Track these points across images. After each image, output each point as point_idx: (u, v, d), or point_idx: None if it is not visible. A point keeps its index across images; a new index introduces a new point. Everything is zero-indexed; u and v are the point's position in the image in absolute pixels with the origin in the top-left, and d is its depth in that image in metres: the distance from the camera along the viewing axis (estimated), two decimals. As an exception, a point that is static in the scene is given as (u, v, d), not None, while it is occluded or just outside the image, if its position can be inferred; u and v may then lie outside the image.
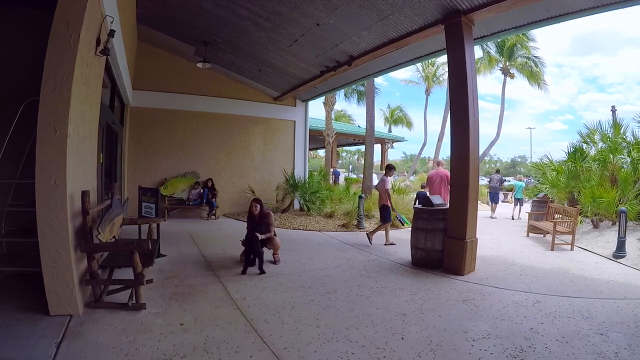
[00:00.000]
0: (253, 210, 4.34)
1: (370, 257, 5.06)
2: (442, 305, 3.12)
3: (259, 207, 4.35)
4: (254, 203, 4.39)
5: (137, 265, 2.73)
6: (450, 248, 4.34)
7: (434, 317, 2.86)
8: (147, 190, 4.65)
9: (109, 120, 5.89)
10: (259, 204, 4.39)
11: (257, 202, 4.40)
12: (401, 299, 3.27)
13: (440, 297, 3.33)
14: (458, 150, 4.54)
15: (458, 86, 4.63)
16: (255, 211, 4.33)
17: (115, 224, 3.39)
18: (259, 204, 4.39)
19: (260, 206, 4.37)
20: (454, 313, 2.95)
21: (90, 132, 3.73)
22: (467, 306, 3.11)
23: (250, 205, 4.40)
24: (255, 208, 4.33)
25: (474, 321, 2.80)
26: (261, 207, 4.39)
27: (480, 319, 2.84)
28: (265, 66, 8.15)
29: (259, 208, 4.34)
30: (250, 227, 4.24)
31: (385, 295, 3.39)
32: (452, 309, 3.05)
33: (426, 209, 4.81)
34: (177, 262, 4.32)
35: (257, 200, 4.47)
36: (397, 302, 3.22)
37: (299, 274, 4.08)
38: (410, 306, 3.10)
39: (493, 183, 10.61)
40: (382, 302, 3.22)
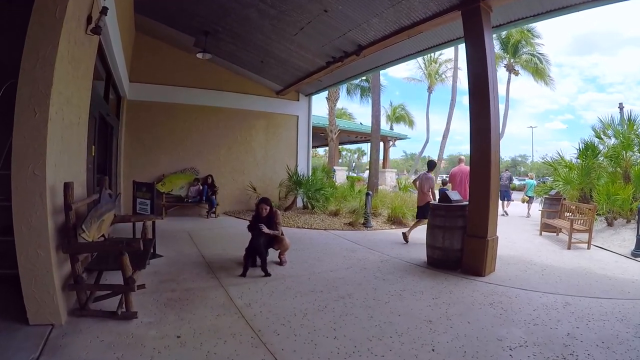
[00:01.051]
0: (262, 212, 3.92)
1: (383, 257, 4.75)
2: (469, 310, 2.87)
3: (269, 209, 3.93)
4: (263, 205, 3.93)
5: (127, 269, 2.37)
6: (471, 247, 4.06)
7: (462, 324, 2.60)
8: (141, 185, 4.29)
9: (103, 111, 5.53)
10: (268, 205, 3.95)
11: (267, 203, 3.95)
12: (423, 304, 2.99)
13: (465, 301, 3.07)
14: (478, 144, 4.26)
15: (478, 76, 4.34)
16: (264, 213, 3.91)
17: (105, 221, 3.03)
18: (269, 205, 3.95)
19: (270, 207, 3.94)
20: (483, 318, 2.71)
21: (79, 120, 3.39)
22: (495, 310, 2.87)
23: (259, 207, 3.96)
24: (265, 210, 3.91)
25: (506, 327, 2.56)
26: (271, 208, 3.96)
27: (513, 325, 2.61)
28: (268, 57, 7.78)
29: (268, 210, 3.92)
30: (254, 227, 3.88)
31: (405, 300, 3.10)
32: (479, 313, 2.81)
33: (444, 205, 4.51)
34: (175, 263, 3.96)
35: (266, 200, 4.00)
36: (419, 307, 2.93)
37: (308, 276, 3.73)
38: (434, 312, 2.82)
39: (502, 181, 10.37)
40: (403, 307, 2.92)
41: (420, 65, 26.05)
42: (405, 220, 7.80)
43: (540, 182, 11.50)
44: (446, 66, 26.08)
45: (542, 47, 21.48)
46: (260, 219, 3.91)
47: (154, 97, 8.01)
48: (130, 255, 2.46)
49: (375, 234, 6.57)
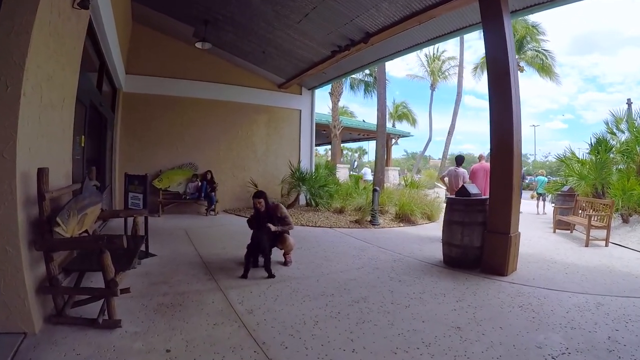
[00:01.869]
0: (258, 207, 3.58)
1: (395, 256, 4.42)
2: (498, 314, 2.60)
3: (264, 202, 3.59)
4: (256, 200, 3.58)
5: (108, 270, 2.02)
6: (492, 244, 3.77)
7: (494, 330, 2.32)
8: (133, 178, 3.94)
9: (95, 101, 5.17)
10: (262, 197, 3.60)
11: (259, 197, 3.60)
12: (447, 307, 2.69)
13: (492, 303, 2.80)
14: (499, 134, 3.98)
15: (498, 62, 4.04)
16: (261, 207, 3.58)
17: (89, 215, 2.68)
18: (263, 198, 3.60)
19: (264, 200, 3.60)
20: (516, 323, 2.45)
21: (63, 102, 3.06)
22: (526, 313, 2.63)
23: (254, 203, 3.62)
24: (260, 204, 3.57)
25: (542, 332, 2.33)
26: (265, 201, 3.62)
27: (549, 329, 2.38)
28: (270, 47, 7.42)
29: (263, 203, 3.58)
30: (255, 223, 3.53)
31: (426, 303, 2.78)
32: (510, 317, 2.55)
33: (463, 199, 4.18)
34: (169, 263, 3.61)
35: (259, 194, 3.65)
36: (443, 311, 2.63)
37: (317, 277, 3.37)
38: (461, 316, 2.53)
39: None
40: (426, 312, 2.60)
41: (422, 62, 25.82)
42: (414, 217, 7.46)
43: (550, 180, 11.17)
44: (449, 64, 25.86)
45: (546, 44, 21.14)
46: (260, 214, 3.56)
47: (151, 90, 7.67)
48: (113, 254, 2.10)
49: (384, 232, 6.23)
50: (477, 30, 9.33)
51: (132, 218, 3.23)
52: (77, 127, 4.26)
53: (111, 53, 5.59)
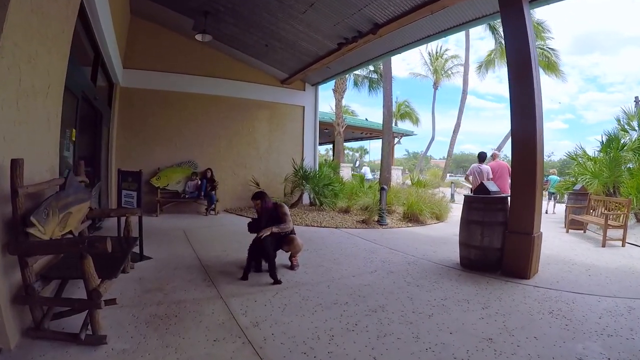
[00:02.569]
0: (256, 207, 3.34)
1: (408, 258, 4.15)
2: (529, 322, 2.39)
3: (260, 204, 3.32)
4: (253, 201, 3.37)
5: (90, 278, 1.72)
6: (514, 245, 3.54)
7: (529, 341, 2.11)
8: (127, 175, 3.64)
9: (89, 93, 4.88)
10: (259, 198, 3.34)
11: (256, 198, 3.35)
12: (474, 316, 2.45)
13: (520, 310, 2.59)
14: (522, 127, 3.76)
15: (519, 52, 3.81)
16: (258, 206, 3.34)
17: (74, 214, 2.38)
18: (260, 199, 3.33)
19: (261, 201, 3.33)
20: (549, 331, 2.25)
21: (48, 89, 2.79)
22: (558, 320, 2.43)
23: (253, 204, 3.40)
24: (257, 205, 3.33)
25: (579, 341, 2.14)
26: (263, 201, 3.33)
27: (585, 338, 2.19)
28: (273, 40, 7.12)
29: (259, 205, 3.32)
30: (254, 226, 3.24)
31: (451, 312, 2.52)
32: (543, 325, 2.34)
33: (482, 198, 3.91)
34: (165, 267, 3.30)
35: (258, 194, 3.40)
36: (470, 320, 2.38)
37: (327, 283, 3.07)
38: (491, 326, 2.29)
39: None
40: (452, 321, 2.35)
41: (425, 61, 25.54)
42: (423, 217, 7.16)
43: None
44: (452, 62, 25.59)
45: (551, 41, 20.82)
46: (261, 216, 3.27)
47: (149, 85, 7.38)
48: (98, 259, 1.81)
49: (393, 233, 5.93)
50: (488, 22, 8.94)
51: (125, 218, 2.92)
52: (66, 120, 3.98)
53: (107, 45, 5.32)
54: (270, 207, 3.35)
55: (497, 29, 17.77)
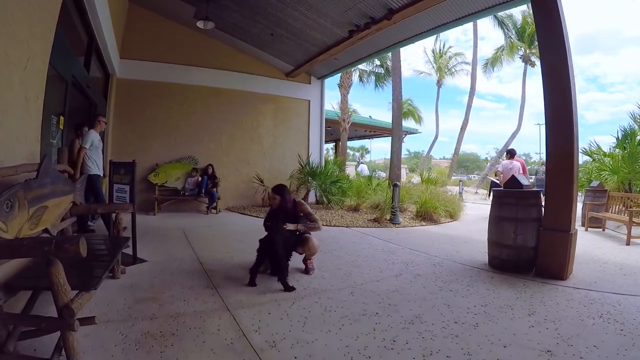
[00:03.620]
0: (273, 203, 2.92)
1: (431, 259, 3.78)
2: (583, 329, 2.14)
3: (279, 198, 2.90)
4: (272, 194, 2.95)
5: (60, 290, 1.30)
6: (549, 243, 3.26)
7: (590, 351, 1.87)
8: (119, 166, 3.23)
9: (81, 79, 4.46)
10: (280, 193, 2.92)
11: (277, 192, 2.94)
12: (522, 324, 2.16)
13: (569, 315, 2.34)
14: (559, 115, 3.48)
15: (553, 43, 3.51)
16: (275, 203, 2.92)
17: (50, 209, 1.96)
18: (281, 194, 2.92)
19: (281, 197, 2.91)
20: (607, 339, 2.02)
21: (27, 62, 2.39)
22: (611, 325, 2.20)
23: (269, 196, 2.98)
24: (274, 200, 2.91)
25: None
26: (283, 196, 2.92)
27: None
28: (280, 29, 6.70)
29: (277, 200, 2.90)
30: (271, 225, 2.82)
31: (496, 320, 2.20)
32: (598, 332, 2.10)
33: (514, 192, 3.59)
34: (161, 271, 2.88)
35: (277, 188, 2.99)
36: (521, 329, 2.08)
37: (350, 289, 2.66)
38: (544, 335, 2.02)
39: (539, 175, 9.54)
40: (501, 332, 2.03)
41: (429, 58, 25.22)
42: (437, 216, 6.75)
43: None
44: (456, 60, 25.29)
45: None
46: (277, 213, 2.85)
47: (147, 76, 6.97)
48: (75, 265, 1.39)
49: (408, 232, 5.52)
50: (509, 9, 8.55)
51: (115, 215, 2.50)
52: (53, 104, 3.57)
53: (102, 32, 4.93)
54: (290, 205, 2.93)
55: (506, 23, 17.34)
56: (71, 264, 1.63)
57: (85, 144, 4.16)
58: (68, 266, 1.56)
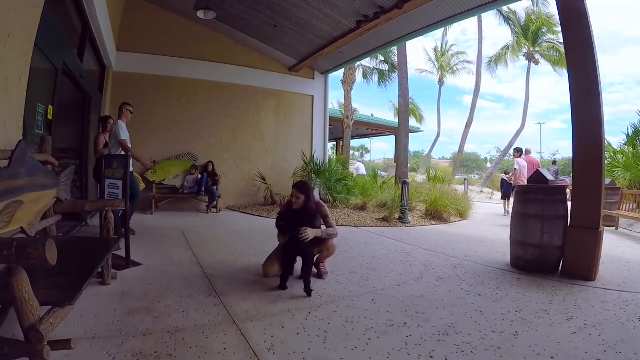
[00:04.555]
0: (295, 202, 2.56)
1: (450, 260, 3.53)
2: (627, 334, 1.98)
3: (303, 198, 2.54)
4: (296, 192, 2.58)
5: (25, 306, 1.01)
6: (577, 242, 3.08)
7: None
8: (112, 160, 2.93)
9: (73, 69, 4.15)
10: (304, 192, 2.57)
11: (302, 190, 2.58)
12: (564, 330, 1.98)
13: (608, 319, 2.16)
14: (585, 108, 3.29)
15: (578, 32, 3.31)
16: (297, 203, 2.55)
17: (27, 205, 1.67)
18: (305, 193, 2.57)
19: (306, 196, 2.56)
20: None
21: (7, 38, 2.16)
22: None
23: (292, 194, 2.62)
24: (298, 199, 2.54)
25: None
26: (308, 196, 2.57)
27: None
28: (284, 20, 6.39)
29: (302, 200, 2.54)
30: (287, 223, 2.53)
31: (536, 327, 2.00)
32: None
33: (541, 187, 3.38)
34: (157, 276, 2.57)
35: (302, 186, 2.63)
36: (564, 337, 1.89)
37: (370, 296, 2.36)
38: (589, 342, 1.84)
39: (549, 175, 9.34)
40: (544, 340, 1.83)
41: (431, 57, 25.01)
42: (447, 214, 6.48)
43: None
44: (458, 58, 25.12)
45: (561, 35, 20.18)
46: (293, 212, 2.55)
47: (145, 69, 6.65)
48: (50, 272, 1.10)
49: (419, 231, 5.24)
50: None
51: (105, 213, 2.20)
52: (40, 92, 3.27)
53: (98, 21, 4.66)
54: (313, 206, 2.61)
55: (513, 19, 17.08)
56: (48, 271, 1.33)
57: (123, 135, 4.01)
58: (42, 274, 1.27)
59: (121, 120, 4.19)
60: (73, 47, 4.43)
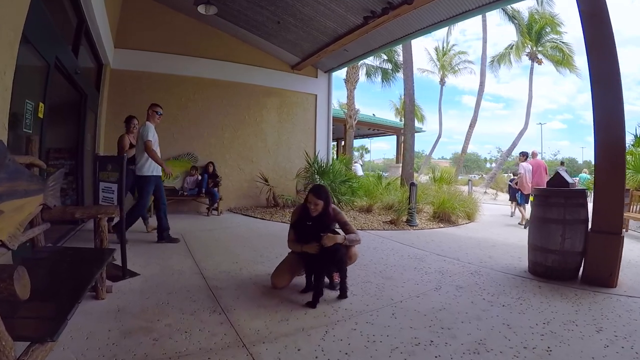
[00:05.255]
0: (313, 209, 2.34)
1: (466, 266, 3.36)
2: None
3: (322, 204, 2.32)
4: (313, 198, 2.33)
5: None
6: (599, 248, 2.96)
7: None
8: (106, 162, 2.72)
9: (67, 65, 3.93)
10: (323, 197, 2.34)
11: (319, 196, 2.34)
12: (595, 343, 1.86)
13: (638, 330, 2.05)
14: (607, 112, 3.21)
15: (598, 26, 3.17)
16: (316, 210, 2.33)
17: (7, 214, 1.46)
18: (323, 199, 2.34)
19: (325, 202, 2.34)
20: None
21: None
22: None
23: (306, 201, 2.39)
24: (316, 206, 2.32)
25: None
26: (327, 202, 2.36)
27: None
28: (287, 16, 6.19)
29: (320, 206, 2.32)
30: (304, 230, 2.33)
31: (567, 340, 1.87)
32: None
33: (563, 191, 3.22)
34: (156, 289, 2.35)
35: (319, 191, 2.38)
36: (597, 351, 1.77)
37: (389, 309, 2.16)
38: (623, 356, 1.74)
39: None
40: (578, 355, 1.72)
41: (432, 57, 24.90)
42: (455, 216, 6.29)
43: None
44: (459, 58, 25.02)
45: (565, 36, 20.06)
46: (309, 219, 2.33)
47: (144, 67, 6.43)
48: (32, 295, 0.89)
49: (428, 235, 5.05)
50: None
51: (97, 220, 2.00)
52: (29, 87, 3.06)
53: (94, 15, 4.44)
54: (332, 212, 2.41)
55: (518, 18, 16.93)
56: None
57: (150, 136, 3.84)
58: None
59: (149, 122, 3.97)
60: (68, 43, 4.23)
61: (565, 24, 19.72)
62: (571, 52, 19.74)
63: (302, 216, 2.39)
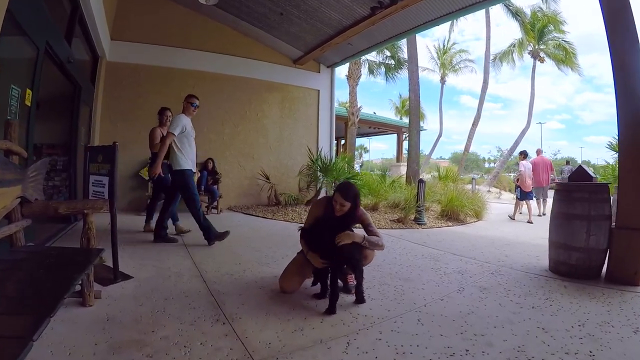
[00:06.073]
0: (338, 210, 2.12)
1: (484, 266, 3.17)
2: None
3: (349, 206, 2.11)
4: (340, 197, 2.10)
5: None
6: (625, 245, 2.80)
7: None
8: (97, 152, 2.48)
9: (59, 51, 3.68)
10: (350, 200, 2.11)
11: (348, 197, 2.11)
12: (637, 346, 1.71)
13: None
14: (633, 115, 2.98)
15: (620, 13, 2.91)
16: (341, 210, 2.11)
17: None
18: (352, 200, 2.11)
19: (353, 204, 2.12)
20: None
21: None
22: None
23: (334, 198, 2.15)
24: (343, 207, 2.10)
25: None
26: (355, 204, 2.14)
27: None
28: (291, 7, 5.94)
29: (347, 208, 2.10)
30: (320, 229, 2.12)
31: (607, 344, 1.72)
32: None
33: (587, 185, 3.05)
34: (151, 294, 2.10)
35: (348, 191, 2.14)
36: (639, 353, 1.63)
37: (414, 315, 1.93)
38: None
39: (565, 174, 9.19)
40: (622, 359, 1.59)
41: (432, 55, 24.72)
42: (463, 215, 6.09)
43: None
44: (460, 57, 24.86)
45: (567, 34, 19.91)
46: (334, 221, 2.11)
47: (141, 59, 6.20)
48: None
49: (439, 233, 4.85)
50: None
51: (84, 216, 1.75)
52: (15, 71, 2.83)
53: (90, 6, 4.21)
54: (359, 214, 2.21)
55: (521, 15, 16.76)
56: None
57: (175, 129, 3.59)
58: None
59: (183, 114, 3.80)
60: (61, 30, 3.99)
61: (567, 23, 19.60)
62: (573, 50, 19.61)
63: (324, 212, 2.17)
